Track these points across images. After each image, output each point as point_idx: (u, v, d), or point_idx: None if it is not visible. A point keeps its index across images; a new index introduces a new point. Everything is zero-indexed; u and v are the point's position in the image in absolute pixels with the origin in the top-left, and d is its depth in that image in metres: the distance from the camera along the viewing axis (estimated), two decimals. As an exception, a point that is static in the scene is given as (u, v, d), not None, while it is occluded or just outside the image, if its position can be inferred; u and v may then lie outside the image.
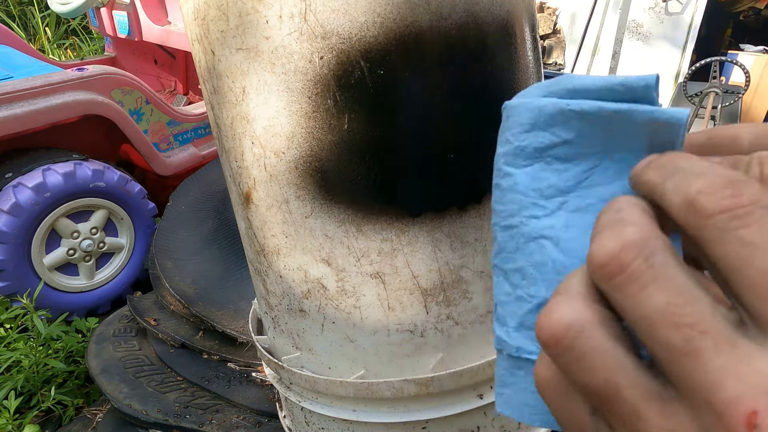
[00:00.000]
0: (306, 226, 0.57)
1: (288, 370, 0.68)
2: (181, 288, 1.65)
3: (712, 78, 3.94)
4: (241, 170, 0.60)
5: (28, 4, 4.54)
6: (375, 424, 0.65)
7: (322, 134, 0.52)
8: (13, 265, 1.71)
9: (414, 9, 0.48)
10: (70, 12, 2.31)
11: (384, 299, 0.59)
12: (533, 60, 0.59)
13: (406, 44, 0.49)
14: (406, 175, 0.53)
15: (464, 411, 0.64)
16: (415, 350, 0.61)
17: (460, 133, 0.53)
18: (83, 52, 4.43)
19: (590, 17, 4.96)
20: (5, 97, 1.66)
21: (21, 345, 1.51)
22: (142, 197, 2.03)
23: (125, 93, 2.03)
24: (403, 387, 0.61)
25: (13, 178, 1.72)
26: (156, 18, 2.57)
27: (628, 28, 5.15)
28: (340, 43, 0.49)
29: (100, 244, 1.95)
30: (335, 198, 0.55)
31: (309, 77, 0.50)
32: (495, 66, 0.53)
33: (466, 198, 0.56)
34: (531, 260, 0.28)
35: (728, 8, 5.38)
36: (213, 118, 0.62)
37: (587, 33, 5.02)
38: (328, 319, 0.62)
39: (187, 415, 1.26)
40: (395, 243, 0.56)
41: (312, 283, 0.60)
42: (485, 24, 0.52)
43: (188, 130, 2.37)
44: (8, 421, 1.34)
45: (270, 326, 0.72)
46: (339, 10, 0.48)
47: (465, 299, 0.60)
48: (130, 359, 1.48)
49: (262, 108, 0.53)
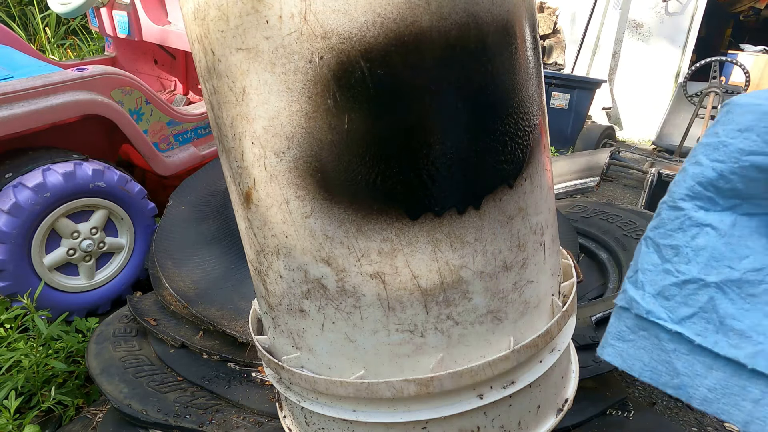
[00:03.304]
0: (306, 226, 0.57)
1: (288, 370, 0.68)
2: (181, 288, 1.65)
3: (712, 78, 3.94)
4: (241, 170, 0.60)
5: (28, 4, 4.54)
6: (375, 424, 0.65)
7: (322, 134, 0.52)
8: (13, 265, 1.71)
9: (414, 9, 0.48)
10: (70, 12, 2.30)
11: (384, 299, 0.59)
12: (533, 60, 0.59)
13: (406, 44, 0.49)
14: (405, 175, 0.53)
15: (464, 411, 0.64)
16: (415, 350, 0.61)
17: (460, 133, 0.53)
18: (83, 52, 4.43)
19: (590, 17, 4.96)
20: (5, 97, 1.66)
21: (21, 345, 1.51)
22: (142, 197, 2.03)
23: (125, 93, 2.03)
24: (403, 387, 0.61)
25: (13, 178, 1.72)
26: (156, 18, 2.57)
27: (628, 27, 5.15)
28: (340, 43, 0.49)
29: (100, 244, 1.95)
30: (335, 198, 0.55)
31: (309, 77, 0.50)
32: (495, 66, 0.53)
33: (465, 199, 0.56)
34: (691, 242, 0.30)
35: (728, 8, 5.38)
36: (213, 118, 0.62)
37: (587, 33, 5.02)
38: (328, 319, 0.62)
39: (187, 415, 1.26)
40: (395, 243, 0.56)
41: (312, 283, 0.60)
42: (485, 24, 0.51)
43: (188, 130, 2.37)
44: (8, 421, 1.34)
45: (270, 326, 0.72)
46: (339, 10, 0.47)
47: (465, 299, 0.60)
48: (130, 359, 1.48)
49: (263, 108, 0.53)
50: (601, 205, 2.34)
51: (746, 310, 0.28)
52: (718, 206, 0.31)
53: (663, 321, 0.30)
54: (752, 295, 0.28)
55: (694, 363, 0.30)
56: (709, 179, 0.31)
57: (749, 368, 0.29)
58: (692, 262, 0.30)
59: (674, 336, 0.30)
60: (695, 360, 0.30)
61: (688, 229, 0.30)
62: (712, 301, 0.29)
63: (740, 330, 0.29)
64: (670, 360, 0.30)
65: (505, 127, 0.56)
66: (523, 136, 0.57)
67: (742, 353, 0.29)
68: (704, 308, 0.29)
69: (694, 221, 0.30)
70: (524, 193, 0.59)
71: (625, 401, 1.37)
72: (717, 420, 1.63)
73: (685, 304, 0.30)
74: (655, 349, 0.30)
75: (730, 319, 0.28)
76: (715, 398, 0.29)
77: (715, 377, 0.29)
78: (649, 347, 0.31)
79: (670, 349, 0.30)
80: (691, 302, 0.30)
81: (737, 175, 0.30)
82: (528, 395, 0.68)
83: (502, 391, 0.65)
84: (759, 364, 0.29)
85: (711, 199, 0.31)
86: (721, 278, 0.30)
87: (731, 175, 0.30)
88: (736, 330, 0.28)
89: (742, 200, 0.31)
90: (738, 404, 0.29)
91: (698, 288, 0.30)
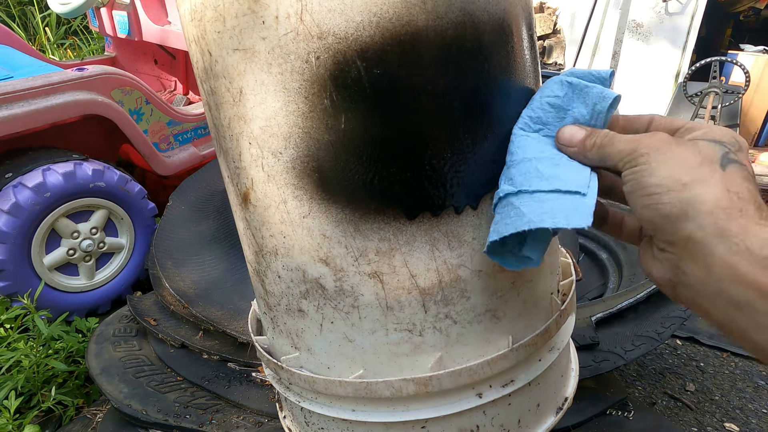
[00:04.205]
0: (304, 226, 0.57)
1: (287, 370, 0.68)
2: (181, 288, 1.66)
3: (712, 78, 3.94)
4: (238, 171, 0.60)
5: (28, 4, 4.55)
6: (374, 423, 0.65)
7: (319, 134, 0.52)
8: (13, 265, 1.71)
9: (410, 8, 0.48)
10: (70, 12, 2.31)
11: (382, 299, 0.59)
12: (530, 59, 0.59)
13: (403, 44, 0.49)
14: (402, 175, 0.53)
15: (463, 410, 0.64)
16: (414, 349, 0.61)
17: (457, 132, 0.53)
18: (83, 52, 4.43)
19: (590, 17, 4.96)
20: (5, 97, 1.66)
21: (21, 345, 1.51)
22: (142, 197, 2.04)
23: (125, 93, 2.04)
24: (402, 386, 0.61)
25: (13, 178, 1.72)
26: (156, 18, 2.57)
27: (628, 27, 5.14)
28: (336, 43, 0.49)
29: (100, 244, 1.96)
30: (333, 198, 0.55)
31: (306, 77, 0.50)
32: (491, 65, 0.53)
33: (462, 199, 0.56)
34: (518, 145, 0.52)
35: (728, 8, 5.38)
36: (211, 118, 0.62)
37: (587, 33, 5.02)
38: (326, 319, 0.62)
39: (187, 415, 1.26)
40: (393, 242, 0.56)
41: (310, 283, 0.60)
42: (481, 23, 0.51)
43: (188, 130, 2.37)
44: (8, 421, 1.34)
45: (269, 326, 0.72)
46: (335, 9, 0.48)
47: (463, 298, 0.60)
48: (130, 359, 1.48)
49: (260, 108, 0.53)
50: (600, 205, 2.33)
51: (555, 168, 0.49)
52: (531, 128, 0.52)
53: (511, 190, 0.49)
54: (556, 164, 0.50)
55: (533, 203, 0.47)
56: (526, 114, 0.53)
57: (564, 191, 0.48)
58: (519, 153, 0.51)
59: (518, 194, 0.48)
60: (533, 201, 0.47)
61: (515, 140, 0.52)
62: (535, 167, 0.49)
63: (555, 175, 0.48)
64: (520, 210, 0.47)
65: (502, 127, 0.56)
66: (520, 135, 0.57)
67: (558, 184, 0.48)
68: (530, 171, 0.49)
69: (518, 135, 0.52)
70: (522, 192, 0.59)
71: (625, 401, 1.37)
72: (717, 420, 1.63)
73: (520, 174, 0.49)
74: (511, 210, 0.48)
75: (548, 171, 0.49)
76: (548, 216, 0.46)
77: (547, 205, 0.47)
78: (507, 212, 0.49)
79: (518, 203, 0.48)
80: (523, 171, 0.49)
81: (540, 109, 0.52)
82: (527, 394, 0.68)
83: (501, 389, 0.65)
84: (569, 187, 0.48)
85: (527, 124, 0.52)
86: (537, 155, 0.50)
87: (537, 109, 0.52)
88: (553, 176, 0.48)
89: (543, 125, 0.52)
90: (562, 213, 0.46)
91: (525, 163, 0.50)
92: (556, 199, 0.47)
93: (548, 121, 0.52)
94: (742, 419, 1.64)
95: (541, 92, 0.55)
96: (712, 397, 1.74)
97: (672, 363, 1.91)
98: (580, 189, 0.48)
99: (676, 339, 2.02)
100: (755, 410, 1.68)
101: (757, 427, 1.61)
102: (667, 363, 1.90)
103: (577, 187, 0.48)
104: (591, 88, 0.52)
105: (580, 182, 0.48)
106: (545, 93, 0.54)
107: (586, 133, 0.50)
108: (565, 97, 0.52)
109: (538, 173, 0.49)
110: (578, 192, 0.48)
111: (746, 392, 1.76)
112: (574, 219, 0.45)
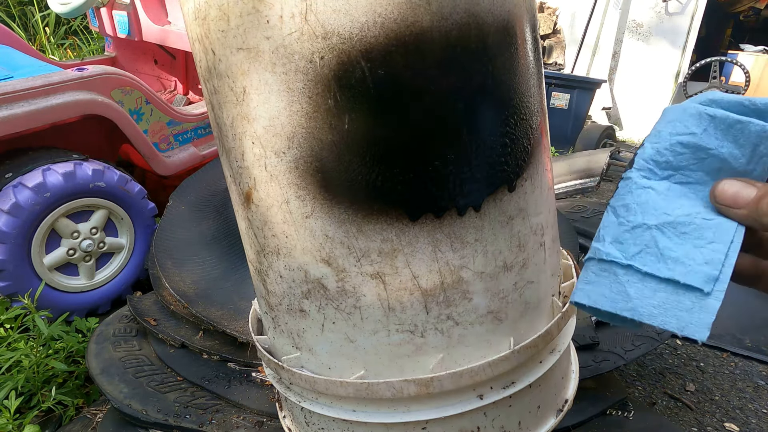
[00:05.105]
0: (306, 226, 0.57)
1: (288, 370, 0.68)
2: (181, 288, 1.65)
3: (712, 78, 3.94)
4: (241, 170, 0.60)
5: (28, 4, 4.54)
6: (375, 424, 0.65)
7: (322, 134, 0.52)
8: (13, 265, 1.71)
9: (415, 9, 0.48)
10: (70, 12, 2.30)
11: (384, 299, 0.58)
12: (534, 60, 0.59)
13: (407, 44, 0.49)
14: (406, 176, 0.53)
15: (464, 411, 0.64)
16: (415, 350, 0.61)
17: (461, 134, 0.53)
18: (83, 52, 4.43)
19: (590, 17, 4.96)
20: (5, 97, 1.66)
21: (21, 345, 1.51)
22: (142, 197, 2.03)
23: (125, 93, 2.03)
24: (403, 387, 0.61)
25: (13, 178, 1.72)
26: (156, 18, 2.57)
27: (628, 27, 5.15)
28: (340, 43, 0.48)
29: (100, 244, 1.95)
30: (336, 198, 0.55)
31: (310, 77, 0.50)
32: (496, 66, 0.53)
33: (465, 201, 0.55)
34: (637, 200, 0.43)
35: (728, 8, 5.38)
36: (213, 118, 0.62)
37: (587, 33, 5.02)
38: (328, 320, 0.62)
39: (187, 415, 1.26)
40: (395, 243, 0.56)
41: (312, 283, 0.60)
42: (486, 24, 0.51)
43: (188, 130, 2.37)
44: (8, 421, 1.34)
45: (270, 326, 0.72)
46: (340, 10, 0.47)
47: (465, 300, 0.60)
48: (130, 359, 1.48)
49: (263, 108, 0.53)
50: (601, 205, 2.34)
51: (679, 244, 0.40)
52: (657, 175, 0.43)
53: (618, 259, 0.42)
54: (684, 233, 0.41)
55: (643, 288, 0.41)
56: (649, 155, 0.44)
57: (682, 283, 0.40)
58: (638, 213, 0.42)
59: (627, 269, 0.42)
60: (644, 285, 0.41)
61: (635, 192, 0.43)
62: (653, 239, 0.41)
63: (675, 257, 0.40)
64: (625, 289, 0.41)
65: (506, 128, 0.56)
66: (523, 136, 0.57)
67: (678, 273, 0.40)
68: (648, 245, 0.41)
69: (639, 185, 0.43)
70: (525, 193, 0.59)
71: (625, 401, 1.37)
72: (717, 420, 1.63)
73: (634, 244, 0.42)
74: (613, 283, 0.42)
75: (668, 250, 0.40)
76: (659, 313, 0.40)
77: (659, 297, 0.40)
78: (608, 283, 0.43)
79: (624, 280, 0.42)
80: (638, 242, 0.42)
81: (669, 151, 0.43)
82: (528, 396, 0.68)
83: (502, 391, 0.65)
84: (690, 279, 0.40)
85: (651, 170, 0.44)
86: (660, 221, 0.41)
87: (664, 151, 0.43)
88: (673, 257, 0.40)
89: (674, 171, 0.43)
90: (675, 314, 0.40)
91: (643, 231, 0.42)
92: (671, 294, 0.40)
93: (681, 166, 0.43)
94: (742, 419, 1.64)
95: (668, 127, 0.45)
96: (712, 397, 1.74)
97: (672, 363, 1.91)
98: (703, 286, 0.40)
99: (676, 339, 2.02)
100: (755, 410, 1.68)
101: (757, 427, 1.62)
102: (667, 363, 1.91)
103: (700, 281, 0.40)
104: (746, 124, 0.42)
105: (708, 270, 0.40)
106: (676, 129, 0.44)
107: (758, 191, 0.40)
108: (704, 134, 0.42)
109: (657, 251, 0.41)
110: (700, 290, 0.40)
111: (746, 392, 1.76)
112: (689, 329, 0.39)
